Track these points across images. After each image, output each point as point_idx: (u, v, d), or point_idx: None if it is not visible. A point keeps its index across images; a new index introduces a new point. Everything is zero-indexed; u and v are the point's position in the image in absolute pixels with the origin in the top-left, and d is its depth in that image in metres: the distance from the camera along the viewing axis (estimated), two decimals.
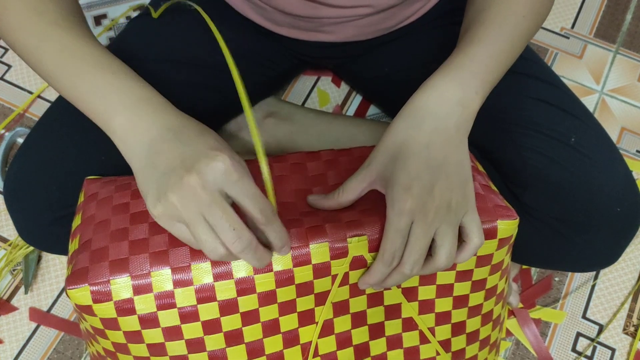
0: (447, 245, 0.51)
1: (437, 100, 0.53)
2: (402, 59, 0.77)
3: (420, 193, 0.49)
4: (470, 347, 0.62)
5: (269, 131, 0.89)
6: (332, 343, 0.56)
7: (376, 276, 0.52)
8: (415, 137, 0.51)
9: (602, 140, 0.67)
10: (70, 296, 0.50)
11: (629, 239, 0.67)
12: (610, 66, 1.07)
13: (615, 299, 0.89)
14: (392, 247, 0.50)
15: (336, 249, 0.52)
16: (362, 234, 0.53)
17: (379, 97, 0.90)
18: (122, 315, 0.50)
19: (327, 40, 0.73)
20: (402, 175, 0.50)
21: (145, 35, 0.72)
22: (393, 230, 0.50)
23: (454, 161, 0.51)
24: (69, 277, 0.50)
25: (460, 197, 0.51)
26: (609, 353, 0.86)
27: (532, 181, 0.65)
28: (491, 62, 0.55)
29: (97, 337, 0.53)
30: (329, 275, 0.53)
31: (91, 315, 0.51)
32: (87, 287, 0.49)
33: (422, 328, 0.58)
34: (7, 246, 0.89)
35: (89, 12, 1.08)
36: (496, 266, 0.58)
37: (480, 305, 0.60)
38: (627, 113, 1.03)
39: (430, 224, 0.50)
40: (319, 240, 0.52)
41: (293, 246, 0.51)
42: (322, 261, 0.52)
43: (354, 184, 0.53)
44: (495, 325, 0.64)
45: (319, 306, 0.55)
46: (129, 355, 0.53)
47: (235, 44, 0.76)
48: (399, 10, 0.70)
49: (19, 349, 0.83)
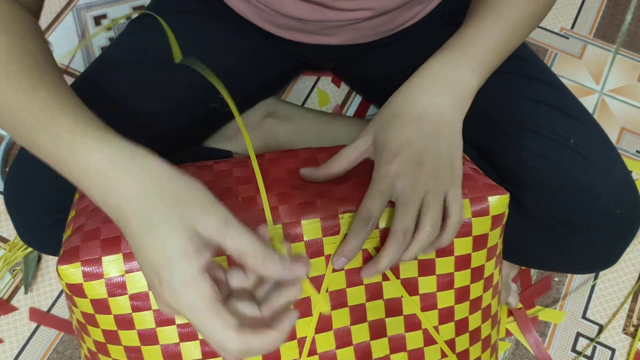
0: (431, 213, 0.50)
1: (432, 78, 0.54)
2: (402, 60, 0.77)
3: (409, 158, 0.50)
4: (474, 348, 0.62)
5: (268, 131, 0.89)
6: (331, 340, 0.56)
7: (355, 242, 0.50)
8: (410, 107, 0.53)
9: (601, 142, 0.67)
10: (60, 274, 0.49)
11: (628, 241, 0.67)
12: (610, 66, 1.07)
13: (615, 299, 0.89)
14: (371, 205, 0.50)
15: (328, 225, 0.52)
16: (354, 209, 0.53)
17: (379, 97, 0.90)
18: (113, 295, 0.50)
19: (327, 43, 0.73)
20: (393, 141, 0.51)
21: (144, 37, 0.72)
22: (375, 189, 0.51)
23: (446, 134, 0.52)
24: (60, 257, 0.50)
25: (448, 170, 0.52)
26: (609, 353, 0.86)
27: (531, 183, 0.65)
28: (490, 43, 0.56)
29: (88, 327, 0.53)
30: (322, 255, 0.53)
31: (81, 296, 0.50)
32: (79, 264, 0.49)
33: (427, 326, 0.58)
34: (6, 246, 0.89)
35: (89, 12, 1.08)
36: (491, 250, 0.59)
37: (480, 297, 0.60)
38: (626, 113, 1.03)
39: (417, 188, 0.50)
40: (311, 216, 0.52)
41: (284, 222, 0.51)
42: (314, 237, 0.52)
43: (347, 152, 0.54)
44: (493, 323, 0.64)
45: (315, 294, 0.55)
46: (119, 345, 0.52)
47: (235, 45, 0.76)
48: (399, 13, 0.70)
49: (19, 349, 0.83)
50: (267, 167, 0.58)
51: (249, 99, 0.86)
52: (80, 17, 1.07)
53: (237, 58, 0.76)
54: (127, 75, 0.68)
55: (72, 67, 1.02)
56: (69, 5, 1.08)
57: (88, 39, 1.04)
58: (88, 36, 1.05)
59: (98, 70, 0.70)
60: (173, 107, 0.70)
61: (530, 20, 0.59)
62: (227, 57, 0.75)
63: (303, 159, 0.59)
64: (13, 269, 0.88)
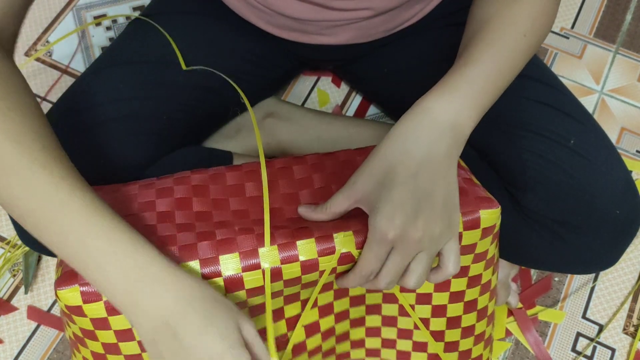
0: (418, 271, 0.52)
1: (430, 124, 0.51)
2: (401, 60, 0.77)
3: (403, 224, 0.49)
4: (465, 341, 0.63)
5: (269, 131, 0.89)
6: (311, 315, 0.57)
7: (351, 284, 0.54)
8: (404, 164, 0.50)
9: (601, 143, 0.66)
10: (59, 297, 0.50)
11: (628, 242, 0.67)
12: (610, 66, 1.07)
13: (615, 299, 0.89)
14: (368, 268, 0.51)
15: (323, 246, 0.53)
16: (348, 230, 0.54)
17: (378, 97, 0.90)
18: (113, 314, 0.50)
19: (327, 42, 0.73)
20: (387, 204, 0.49)
21: (144, 37, 0.72)
22: (372, 255, 0.51)
23: (442, 191, 0.50)
24: (58, 279, 0.50)
25: (445, 227, 0.51)
26: (609, 353, 0.86)
27: (532, 183, 0.65)
28: (487, 85, 0.54)
29: (86, 340, 0.53)
30: (317, 270, 0.54)
31: (81, 316, 0.51)
32: (77, 288, 0.49)
33: (403, 303, 0.60)
34: (5, 245, 0.89)
35: (89, 12, 1.08)
36: (480, 255, 0.59)
37: (462, 292, 0.61)
38: (627, 113, 1.03)
39: (409, 253, 0.50)
40: (306, 238, 0.53)
41: (280, 243, 0.52)
42: (310, 258, 0.53)
43: (339, 200, 0.53)
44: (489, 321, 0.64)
45: (306, 288, 0.56)
46: (120, 355, 0.53)
47: (235, 46, 0.76)
48: (398, 12, 0.70)
49: (19, 349, 0.83)
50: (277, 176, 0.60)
51: (249, 99, 0.86)
52: (80, 17, 1.07)
53: (237, 58, 0.76)
54: (127, 75, 0.68)
55: (72, 67, 1.02)
56: (69, 5, 1.08)
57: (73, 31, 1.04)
58: (88, 36, 1.05)
59: (98, 71, 0.70)
60: (173, 107, 0.70)
61: (527, 53, 0.57)
62: (227, 58, 0.75)
63: (307, 169, 0.61)
64: (12, 268, 0.88)
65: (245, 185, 0.58)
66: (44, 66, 1.02)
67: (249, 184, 0.59)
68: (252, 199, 0.57)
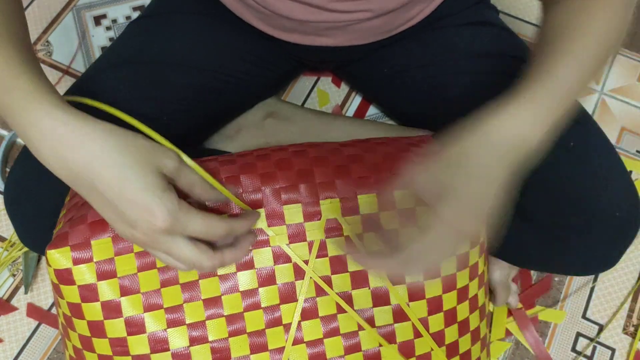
0: None
1: (497, 140, 0.48)
2: (401, 61, 0.77)
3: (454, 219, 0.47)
4: (463, 339, 0.62)
5: (269, 131, 0.89)
6: (318, 329, 0.55)
7: (379, 266, 0.51)
8: (472, 161, 0.48)
9: (601, 144, 0.66)
10: (49, 260, 0.50)
11: (628, 243, 0.67)
12: (610, 66, 1.07)
13: (615, 299, 0.89)
14: (414, 255, 0.48)
15: (309, 211, 0.53)
16: (334, 196, 0.53)
17: (378, 98, 0.90)
18: (102, 278, 0.50)
19: (326, 44, 0.73)
20: (448, 210, 0.47)
21: (144, 37, 0.72)
22: (429, 241, 0.48)
23: (489, 206, 0.49)
24: (49, 244, 0.51)
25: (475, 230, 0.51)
26: (609, 353, 0.86)
27: (531, 185, 0.65)
28: (565, 95, 0.51)
29: (73, 320, 0.53)
30: (305, 240, 0.53)
31: (69, 284, 0.51)
32: (68, 249, 0.50)
33: (414, 320, 0.58)
34: (4, 244, 0.89)
35: (89, 12, 1.08)
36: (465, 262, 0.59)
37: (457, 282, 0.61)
38: (627, 113, 1.03)
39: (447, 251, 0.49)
40: (293, 202, 0.53)
41: (266, 207, 0.53)
42: (295, 222, 0.53)
43: None
44: (482, 316, 0.64)
45: (299, 280, 0.54)
46: (105, 338, 0.52)
47: (235, 47, 0.76)
48: (398, 14, 0.70)
49: (19, 349, 0.84)
50: None
51: (249, 99, 0.86)
52: (80, 17, 1.07)
53: (236, 59, 0.76)
54: (127, 76, 0.68)
55: (72, 67, 1.02)
56: (69, 5, 1.08)
57: None
58: (88, 36, 1.05)
59: (98, 71, 0.70)
60: (173, 108, 0.70)
61: (602, 61, 0.54)
62: (227, 58, 0.75)
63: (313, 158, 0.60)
64: (11, 266, 0.88)
65: None
66: (44, 66, 1.02)
67: None
68: None
